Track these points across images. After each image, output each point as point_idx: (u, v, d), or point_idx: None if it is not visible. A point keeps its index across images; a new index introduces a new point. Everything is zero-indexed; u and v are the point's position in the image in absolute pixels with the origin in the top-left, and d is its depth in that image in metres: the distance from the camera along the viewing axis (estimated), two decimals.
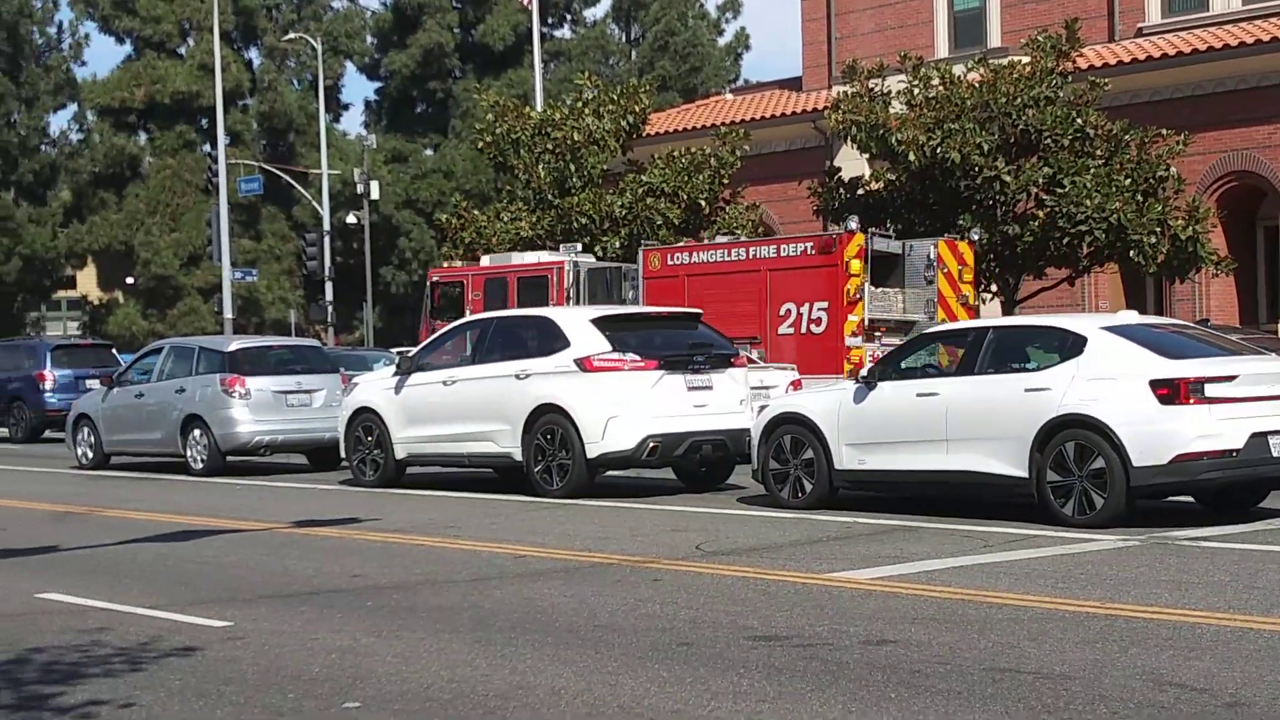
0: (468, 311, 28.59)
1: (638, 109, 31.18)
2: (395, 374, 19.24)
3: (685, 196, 29.98)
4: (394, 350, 44.60)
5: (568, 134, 30.30)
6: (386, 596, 10.55)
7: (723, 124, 36.26)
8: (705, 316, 19.03)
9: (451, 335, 19.36)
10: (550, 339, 17.49)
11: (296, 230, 69.14)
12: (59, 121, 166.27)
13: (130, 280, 70.24)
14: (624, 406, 16.74)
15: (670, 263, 26.87)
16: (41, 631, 9.47)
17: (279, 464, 23.70)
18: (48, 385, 32.30)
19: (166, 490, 19.90)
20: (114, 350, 35.37)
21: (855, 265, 23.27)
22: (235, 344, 23.13)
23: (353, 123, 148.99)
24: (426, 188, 68.40)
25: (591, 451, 16.78)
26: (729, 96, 47.06)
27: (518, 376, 17.47)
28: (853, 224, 23.37)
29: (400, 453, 18.92)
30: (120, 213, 68.43)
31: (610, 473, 18.15)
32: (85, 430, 23.88)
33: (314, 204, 61.34)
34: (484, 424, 17.80)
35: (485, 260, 29.54)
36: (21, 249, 63.96)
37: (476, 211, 31.99)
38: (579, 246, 28.89)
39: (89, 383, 30.83)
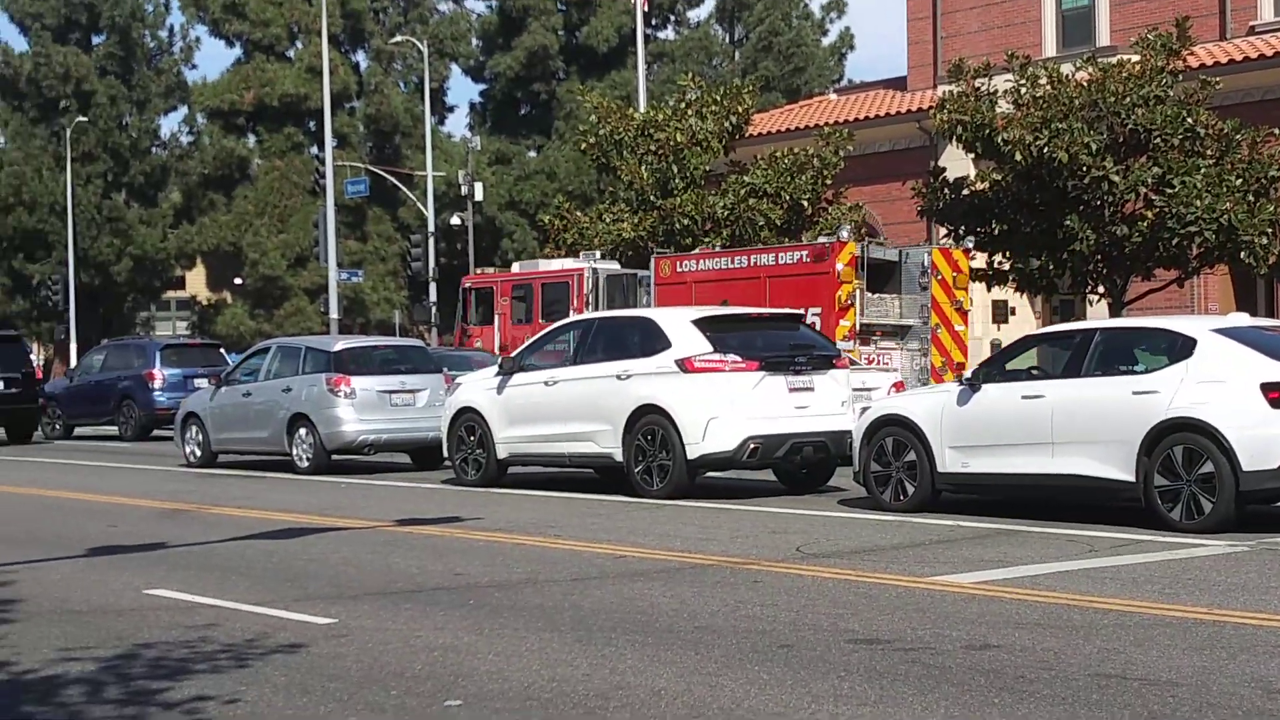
0: (496, 316, 31.80)
1: (741, 110, 31.16)
2: (497, 374, 19.34)
3: (787, 197, 29.90)
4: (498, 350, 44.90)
5: (670, 135, 30.33)
6: (488, 595, 10.61)
7: (826, 124, 36.10)
8: None
9: (553, 336, 19.43)
10: (651, 340, 17.51)
11: (401, 231, 69.76)
12: (170, 124, 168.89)
13: (238, 281, 71.24)
14: (725, 407, 16.72)
15: (679, 270, 27.86)
16: (150, 627, 9.63)
17: (383, 463, 23.92)
18: (157, 384, 32.81)
19: (273, 488, 20.16)
20: (222, 350, 35.90)
21: (847, 273, 24.52)
22: (341, 344, 23.38)
23: (457, 125, 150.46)
24: (530, 189, 68.73)
25: (692, 452, 16.77)
26: (833, 97, 46.86)
27: (619, 377, 17.50)
28: (844, 233, 24.54)
29: (502, 452, 19.03)
30: (229, 214, 69.40)
31: (710, 474, 18.15)
32: (193, 429, 24.25)
33: (419, 205, 61.86)
34: (585, 424, 17.85)
35: (516, 267, 31.81)
36: (132, 250, 65.06)
37: (579, 212, 32.14)
38: (598, 254, 30.19)
39: (197, 382, 31.32)
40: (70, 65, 64.52)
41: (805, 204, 30.14)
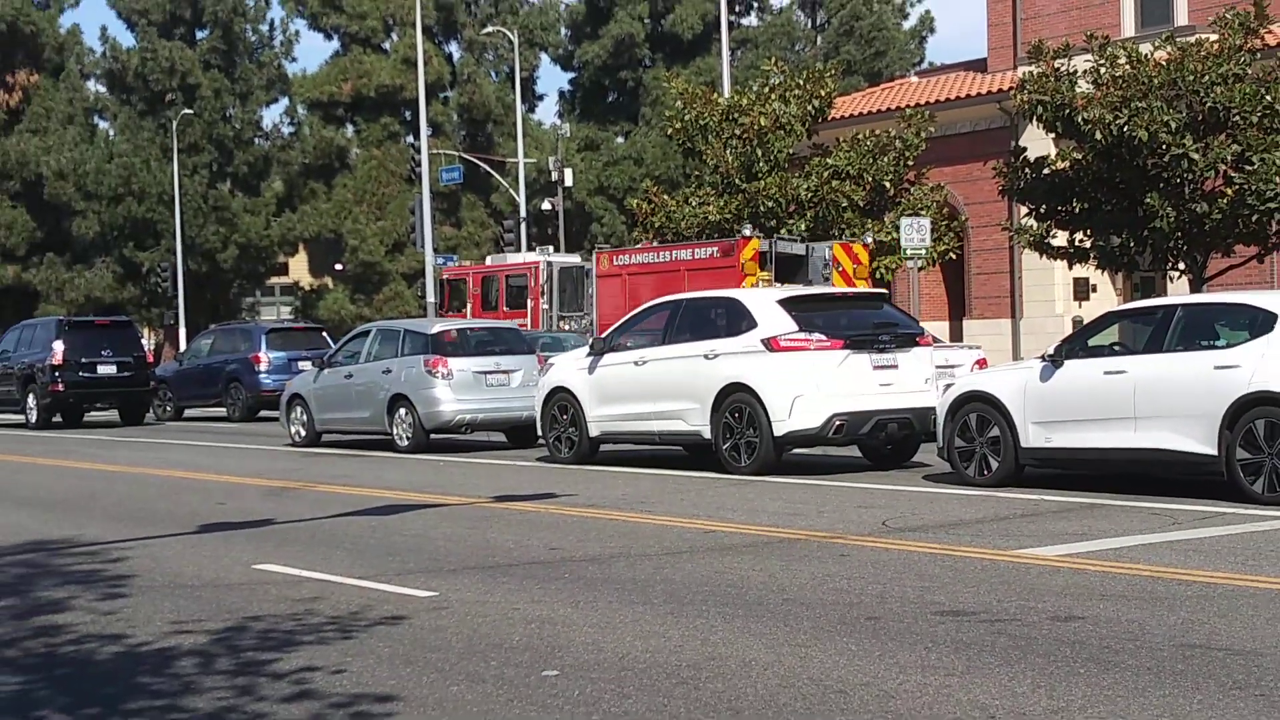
0: (468, 304, 35.45)
1: (823, 93, 30.98)
2: (589, 354, 19.40)
3: (870, 179, 29.72)
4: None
5: (754, 119, 30.22)
6: (583, 569, 10.65)
7: (907, 106, 35.81)
8: None
9: (642, 317, 19.44)
10: (738, 319, 17.48)
11: (494, 217, 70.04)
12: (271, 115, 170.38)
13: (339, 266, 71.86)
14: (810, 385, 16.66)
15: (615, 263, 30.49)
16: (259, 600, 9.76)
17: (479, 441, 24.08)
18: (263, 367, 33.18)
19: (374, 466, 20.34)
20: (324, 333, 36.23)
21: (750, 266, 26.59)
22: (438, 326, 23.54)
23: (547, 112, 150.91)
24: (618, 174, 68.72)
25: (778, 429, 16.73)
26: (914, 79, 46.48)
27: (706, 356, 17.49)
28: (746, 230, 26.83)
29: (594, 430, 19.08)
30: (329, 202, 69.95)
31: (797, 450, 18.11)
32: (298, 409, 24.50)
33: (511, 191, 62.08)
34: (674, 403, 17.86)
35: (489, 260, 35.73)
36: (237, 237, 65.74)
37: (666, 196, 32.10)
38: (551, 248, 34.45)
39: (301, 364, 31.64)
40: (175, 59, 65.25)
41: (887, 185, 29.95)
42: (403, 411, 22.55)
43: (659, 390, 18.07)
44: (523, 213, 56.62)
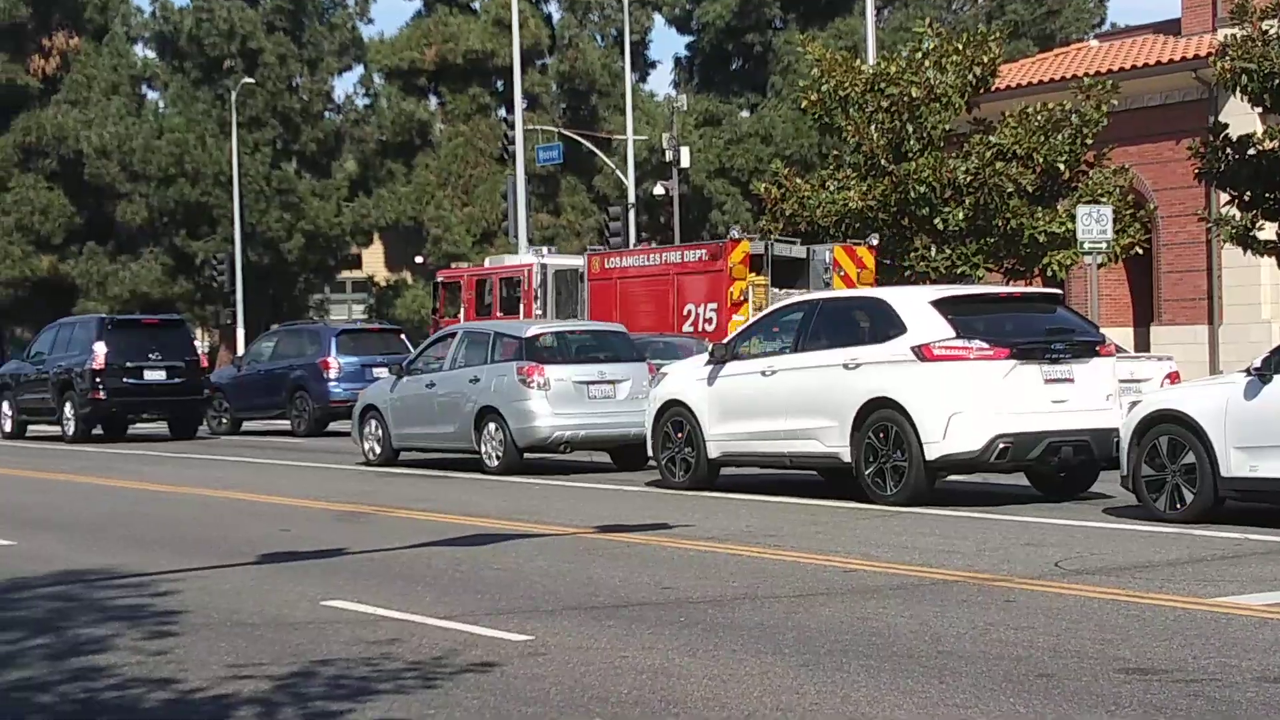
0: (461, 310, 37.83)
1: (986, 60, 30.75)
2: (708, 363, 19.38)
3: (1041, 160, 29.46)
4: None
5: (904, 90, 30.07)
6: (701, 611, 10.63)
7: (1086, 75, 35.45)
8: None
9: (771, 319, 19.41)
10: (884, 324, 17.39)
11: (598, 203, 70.30)
12: (344, 85, 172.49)
13: (419, 259, 72.53)
14: (969, 401, 16.52)
15: (606, 266, 33.76)
16: (329, 642, 9.84)
17: (580, 462, 24.15)
18: (332, 374, 33.51)
19: (460, 489, 20.48)
20: (402, 335, 36.55)
21: (739, 270, 29.25)
22: (534, 329, 23.66)
23: (660, 82, 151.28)
24: (742, 154, 68.72)
25: (931, 452, 16.61)
26: (1093, 43, 46.01)
27: (846, 366, 17.41)
28: (734, 232, 29.38)
29: (713, 451, 19.06)
30: (409, 185, 70.64)
31: (952, 477, 17.96)
32: (372, 423, 24.72)
33: (618, 174, 62.31)
34: (808, 420, 17.80)
35: (488, 262, 37.99)
36: (304, 225, 66.53)
37: (799, 180, 32.03)
38: (545, 250, 36.75)
39: (376, 371, 31.92)
40: (235, 21, 66.23)
41: (1061, 168, 29.66)
42: (492, 427, 22.69)
43: (790, 405, 18.01)
44: (631, 198, 56.82)
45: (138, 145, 64.95)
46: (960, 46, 30.77)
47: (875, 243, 29.67)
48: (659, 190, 62.30)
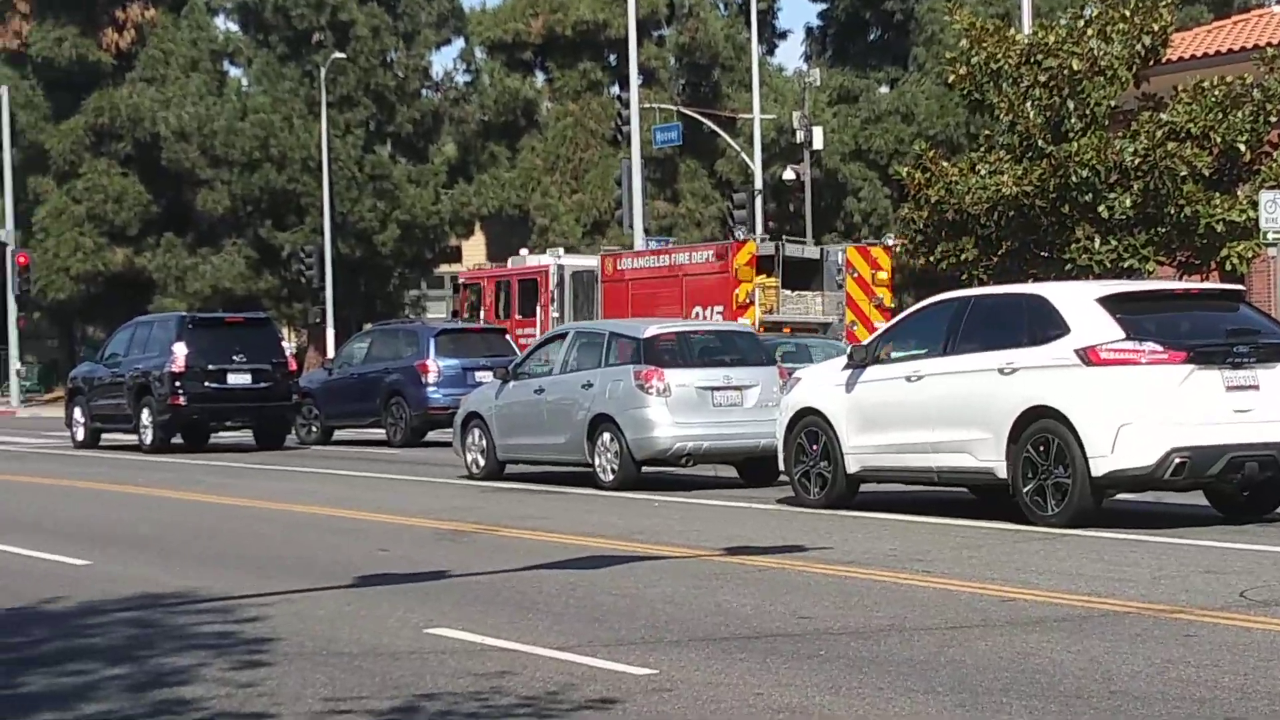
0: (482, 311, 41.30)
1: (1156, 28, 30.37)
2: (846, 367, 19.31)
3: (1218, 140, 29.03)
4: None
5: (1064, 62, 29.73)
6: (842, 644, 10.61)
7: (1270, 44, 34.94)
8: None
9: (917, 318, 19.30)
10: (1043, 324, 17.27)
11: (721, 189, 70.25)
12: (442, 61, 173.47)
13: (524, 251, 72.73)
14: (1141, 411, 16.34)
15: (619, 268, 37.26)
16: (433, 674, 9.90)
17: (703, 476, 24.14)
18: (431, 378, 33.66)
19: (572, 506, 20.55)
20: (507, 336, 36.68)
21: (745, 272, 32.46)
22: (652, 329, 23.65)
23: (790, 55, 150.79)
24: (880, 134, 68.42)
25: (1097, 468, 16.45)
26: (1278, 9, 45.31)
27: (1001, 371, 17.29)
28: (739, 233, 33.00)
29: (852, 465, 18.98)
30: (513, 170, 70.94)
31: (1121, 496, 17.78)
32: (476, 432, 24.84)
33: (743, 156, 62.26)
34: (958, 431, 17.69)
35: (510, 263, 41.99)
36: (399, 214, 66.92)
37: (946, 163, 31.78)
38: (561, 250, 40.71)
39: (478, 375, 32.06)
40: None
41: (1242, 148, 29.21)
42: (607, 437, 22.72)
43: (938, 415, 17.91)
44: (758, 184, 56.74)
45: (219, 127, 65.66)
46: (1127, 13, 30.39)
47: (891, 243, 31.29)
48: (788, 175, 62.19)
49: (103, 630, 11.76)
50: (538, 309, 39.70)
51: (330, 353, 52.86)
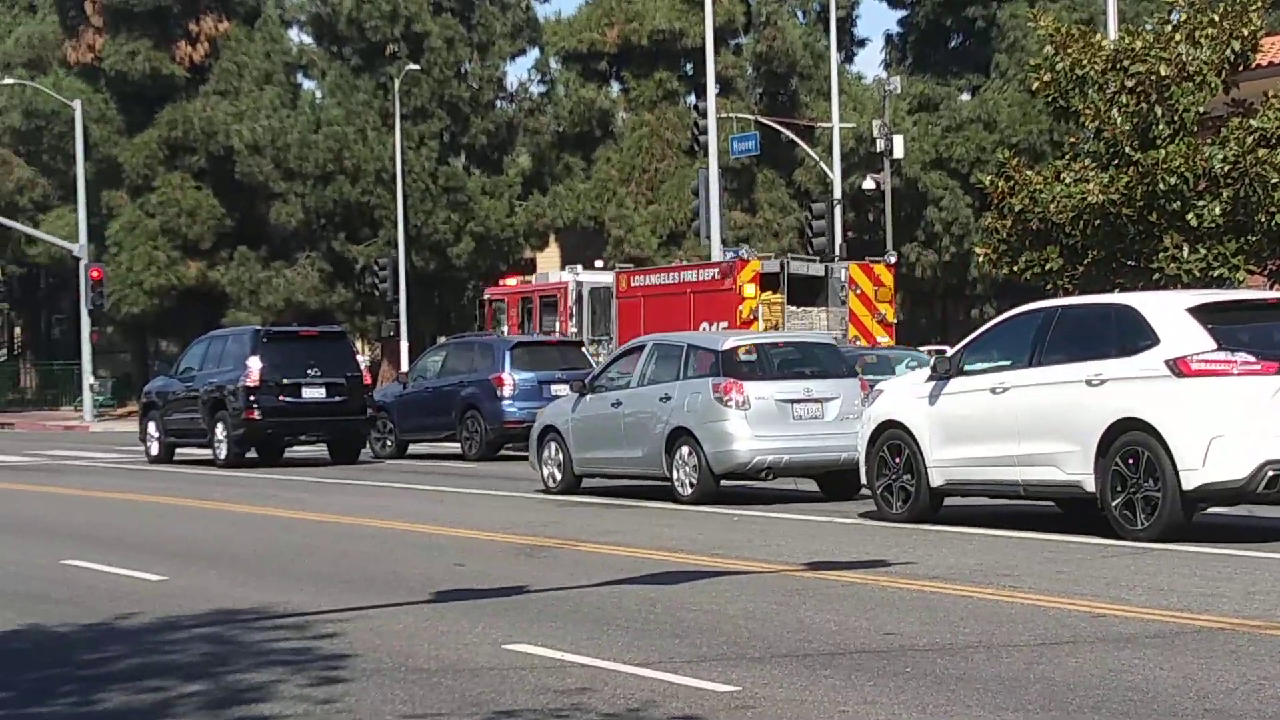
0: (504, 328, 43.47)
1: (1245, 33, 30.12)
2: (930, 379, 19.24)
3: None
4: (924, 348, 44.85)
5: (1152, 67, 29.55)
6: (929, 661, 10.56)
7: None
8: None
9: (1001, 329, 19.20)
10: (1132, 334, 17.16)
11: (799, 199, 70.20)
12: (517, 71, 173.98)
13: (599, 263, 72.86)
14: (1233, 423, 16.20)
15: (633, 284, 39.71)
16: (513, 690, 9.90)
17: (783, 490, 24.08)
18: (506, 391, 33.73)
19: (649, 520, 20.53)
20: (583, 348, 36.73)
21: (749, 289, 34.55)
22: (731, 341, 23.62)
23: (869, 63, 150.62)
24: (961, 142, 68.20)
25: (1188, 481, 16.31)
26: None
27: (1089, 383, 17.19)
28: (743, 252, 33.26)
29: (936, 479, 18.91)
30: (588, 181, 71.07)
31: (1213, 510, 17.63)
32: (552, 446, 24.87)
33: (821, 166, 62.15)
34: (1044, 444, 17.61)
35: (534, 280, 44.53)
36: (474, 226, 67.15)
37: (1030, 171, 31.63)
38: (579, 267, 42.84)
39: (554, 388, 32.14)
40: (399, 1, 67.09)
41: None
42: (685, 450, 22.69)
43: (1024, 427, 17.83)
44: (837, 193, 56.63)
45: (293, 140, 66.07)
46: (1216, 17, 30.16)
47: (893, 260, 33.87)
48: (868, 184, 62.00)
49: (179, 646, 11.82)
50: (557, 323, 41.91)
51: (403, 365, 53.06)
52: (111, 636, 12.34)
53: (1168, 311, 17.11)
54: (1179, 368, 16.49)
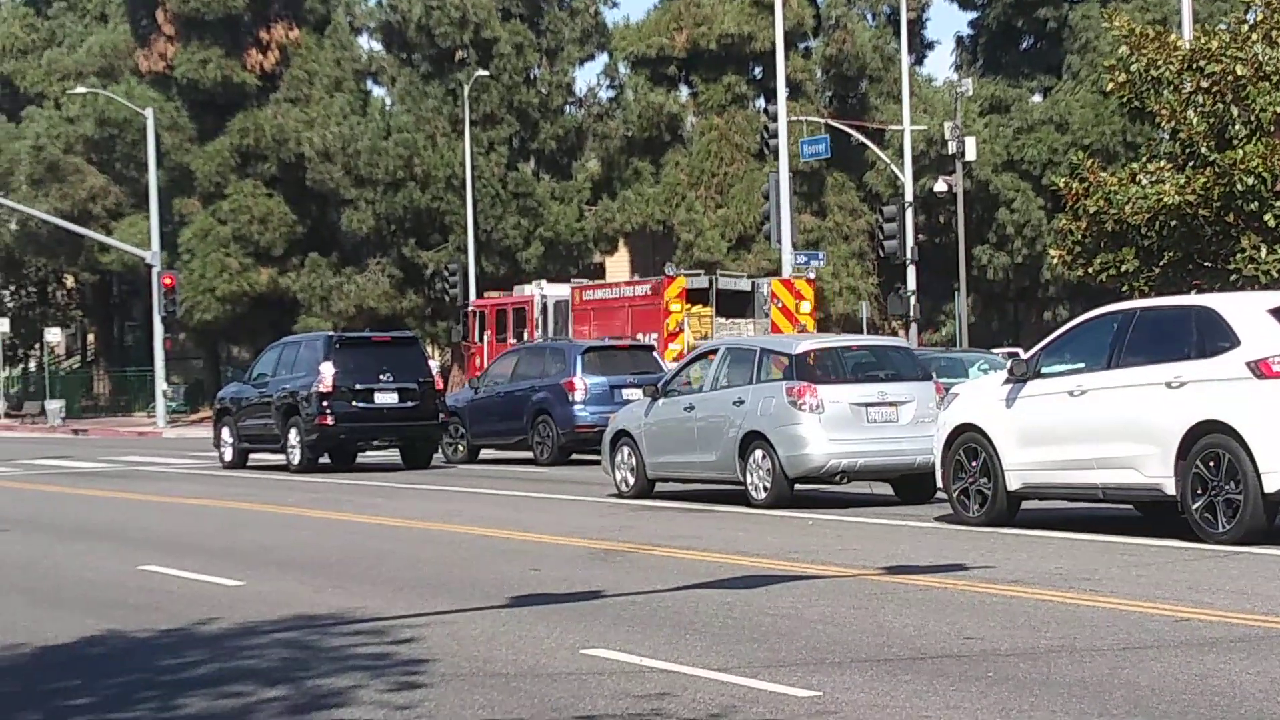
0: (484, 338, 49.39)
1: None
2: (1006, 382, 19.13)
3: None
4: (996, 351, 44.68)
5: (1228, 68, 29.34)
6: (1010, 665, 10.50)
7: None
8: None
9: (1079, 331, 19.06)
10: (1212, 336, 17.02)
11: (869, 202, 70.03)
12: (586, 76, 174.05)
13: (669, 267, 72.78)
14: None
15: (584, 298, 45.20)
16: (592, 695, 9.91)
17: (858, 494, 24.02)
18: (578, 395, 33.70)
19: (723, 524, 20.50)
20: (655, 353, 36.70)
21: (675, 304, 39.61)
22: (804, 344, 23.55)
23: (940, 65, 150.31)
24: (1033, 144, 67.89)
25: (1270, 484, 16.15)
26: None
27: (1169, 385, 17.05)
28: (670, 269, 38.13)
29: (1013, 482, 18.80)
30: (657, 185, 71.06)
31: None
32: (625, 450, 24.85)
33: (892, 168, 61.99)
34: (1123, 447, 17.48)
35: (514, 293, 48.96)
36: (543, 231, 67.26)
37: (1104, 172, 31.45)
38: (544, 283, 48.56)
39: (625, 392, 32.13)
40: (468, 8, 67.22)
41: None
42: (759, 454, 22.64)
43: (1102, 430, 17.71)
44: (908, 196, 56.43)
45: (363, 147, 66.29)
46: None
47: (813, 276, 38.03)
48: (939, 186, 61.78)
49: (258, 651, 11.87)
50: (525, 331, 47.00)
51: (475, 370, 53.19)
52: (190, 642, 12.40)
53: (1248, 313, 16.97)
54: (1260, 369, 16.34)
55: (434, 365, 39.39)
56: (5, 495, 29.21)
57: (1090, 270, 30.40)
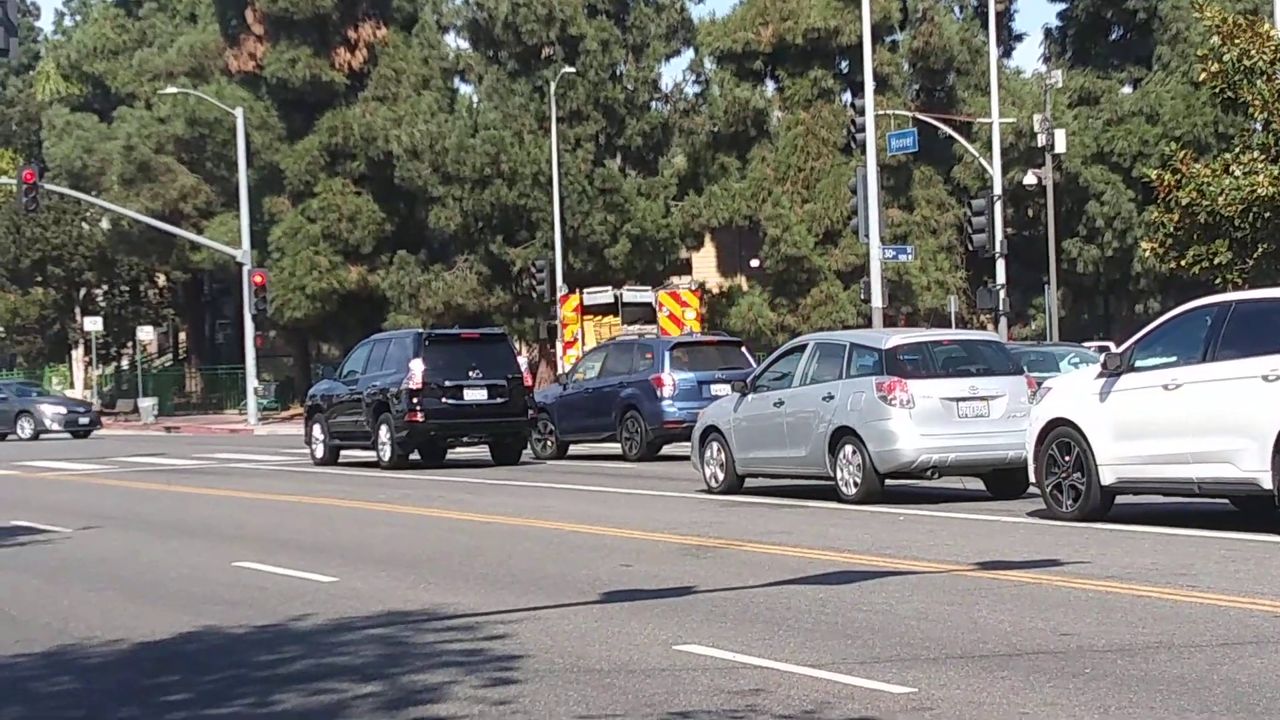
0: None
1: None
2: (1099, 375, 18.97)
3: None
4: (1087, 345, 44.32)
5: None
6: (1108, 662, 10.41)
7: None
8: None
9: (1176, 325, 18.87)
10: None
11: (957, 196, 69.66)
12: (672, 72, 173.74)
13: (755, 262, 72.77)
14: None
15: (568, 305, 50.95)
16: (685, 692, 9.88)
17: (949, 489, 23.88)
18: (666, 391, 33.68)
19: (814, 520, 20.42)
20: (743, 348, 36.62)
21: (570, 317, 48.71)
22: (894, 339, 23.43)
23: (1028, 57, 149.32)
24: (1123, 136, 67.36)
25: None
26: None
27: (1265, 378, 16.86)
28: (562, 288, 47.08)
29: (1107, 477, 18.64)
30: (743, 180, 70.89)
31: None
32: (714, 446, 24.81)
33: (980, 162, 61.63)
34: (1219, 440, 17.31)
35: None
36: (630, 227, 67.18)
37: (1197, 164, 31.17)
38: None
39: (713, 388, 32.08)
40: (555, 5, 67.24)
41: None
42: (849, 450, 22.55)
43: (1198, 423, 17.54)
44: (997, 189, 56.07)
45: (451, 144, 66.43)
46: None
47: (695, 288, 42.93)
48: (1029, 179, 61.33)
49: (353, 647, 11.91)
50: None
51: (562, 366, 53.28)
52: (285, 638, 12.46)
53: None
54: None
55: (522, 361, 39.47)
56: (100, 492, 29.50)
57: (1183, 263, 30.18)
